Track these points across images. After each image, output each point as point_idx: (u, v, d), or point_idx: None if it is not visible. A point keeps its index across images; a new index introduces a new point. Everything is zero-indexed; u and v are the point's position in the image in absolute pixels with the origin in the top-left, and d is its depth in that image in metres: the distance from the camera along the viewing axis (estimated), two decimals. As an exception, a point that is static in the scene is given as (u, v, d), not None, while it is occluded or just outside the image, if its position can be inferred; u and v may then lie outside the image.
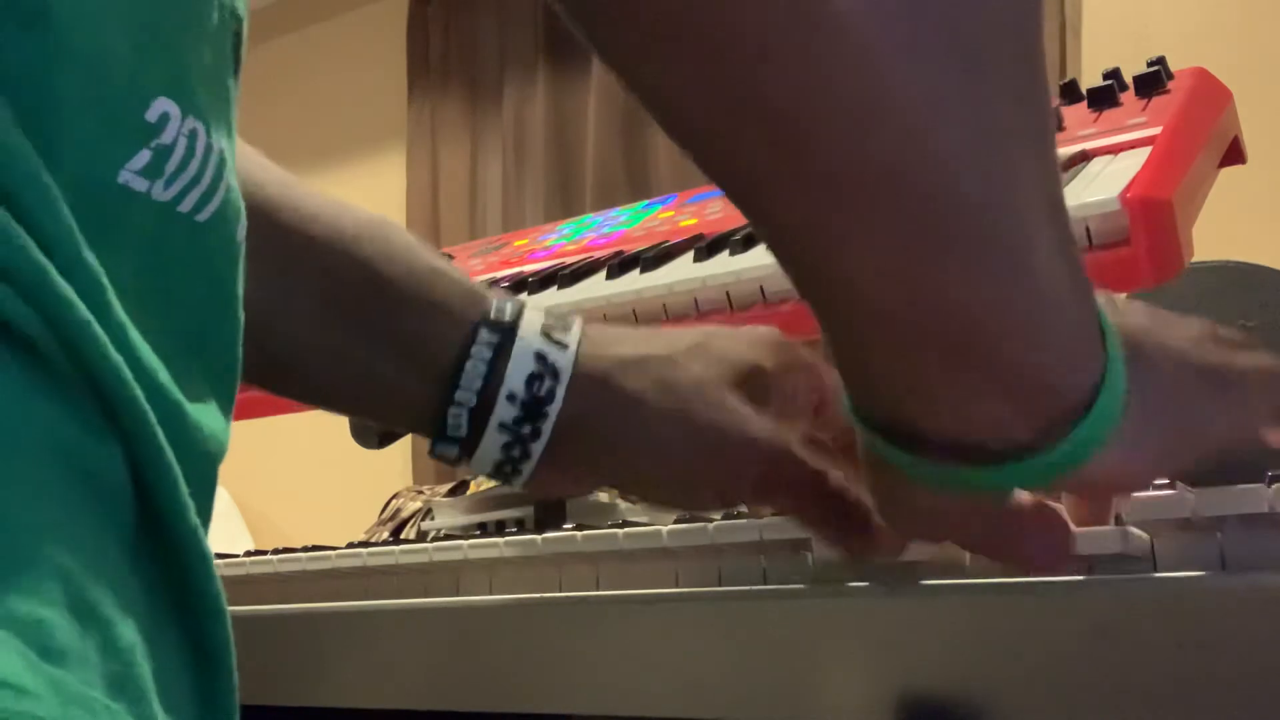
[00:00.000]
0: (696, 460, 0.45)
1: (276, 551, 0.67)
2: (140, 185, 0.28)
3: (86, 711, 0.21)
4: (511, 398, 0.43)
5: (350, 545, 0.66)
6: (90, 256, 0.25)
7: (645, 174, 2.37)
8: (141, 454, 0.26)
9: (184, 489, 0.27)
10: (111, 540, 0.25)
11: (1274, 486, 0.37)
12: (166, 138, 0.28)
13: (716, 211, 0.85)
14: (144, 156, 0.28)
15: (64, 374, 0.24)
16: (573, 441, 0.44)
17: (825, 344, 0.36)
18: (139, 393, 0.25)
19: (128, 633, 0.24)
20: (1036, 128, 0.32)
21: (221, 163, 0.30)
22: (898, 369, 0.34)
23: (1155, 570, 0.40)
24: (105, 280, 0.25)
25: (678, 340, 0.47)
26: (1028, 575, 0.41)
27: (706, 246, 0.72)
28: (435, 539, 0.67)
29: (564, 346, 0.44)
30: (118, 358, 0.25)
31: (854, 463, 0.41)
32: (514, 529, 0.70)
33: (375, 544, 0.67)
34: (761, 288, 0.66)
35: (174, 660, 0.26)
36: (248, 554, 0.70)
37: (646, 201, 0.98)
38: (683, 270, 0.71)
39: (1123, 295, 0.42)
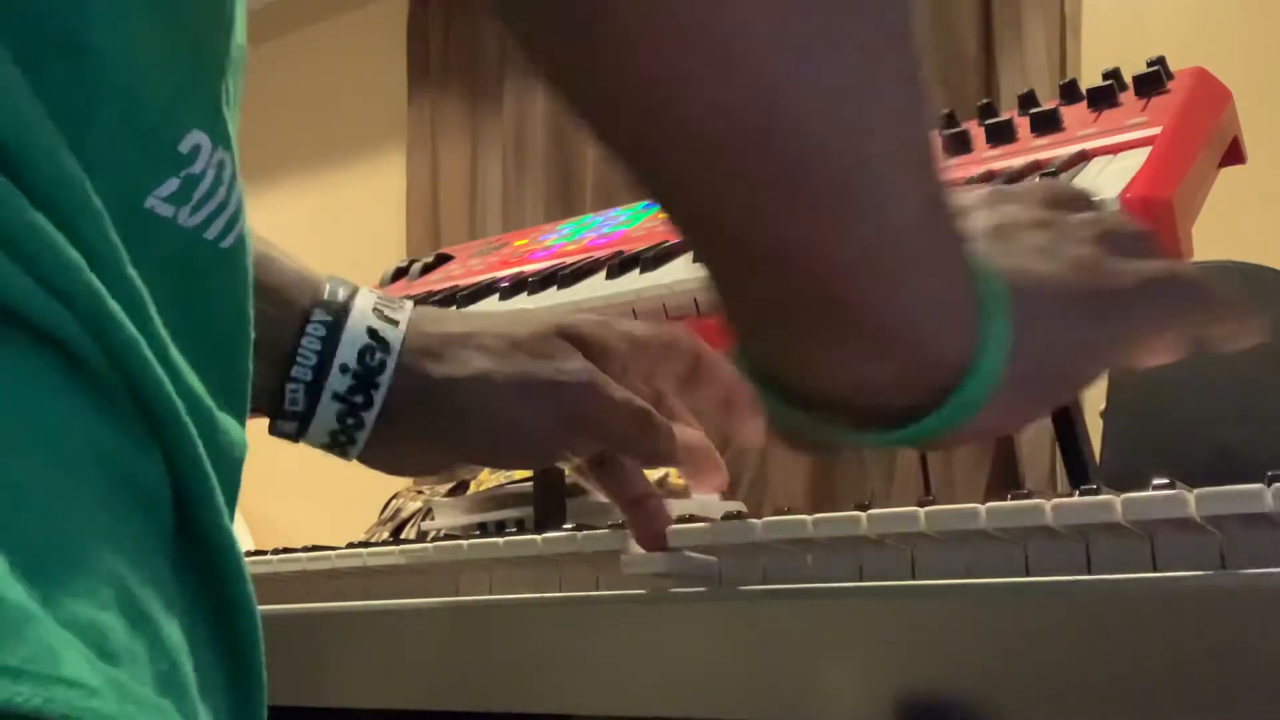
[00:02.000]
0: (518, 409, 0.48)
1: (276, 551, 0.67)
2: (166, 211, 0.29)
3: (140, 708, 0.22)
4: (344, 369, 0.47)
5: (350, 545, 0.66)
6: (133, 274, 0.26)
7: (645, 174, 2.37)
8: (180, 463, 0.27)
9: (219, 495, 0.28)
10: (153, 544, 0.26)
11: (1274, 486, 0.37)
12: (197, 168, 0.30)
13: (716, 211, 0.85)
14: (172, 184, 0.29)
15: (111, 388, 0.25)
16: (404, 412, 0.48)
17: (713, 297, 0.37)
18: (180, 405, 0.26)
19: (173, 633, 0.25)
20: (903, 79, 0.31)
21: (235, 187, 0.31)
22: (774, 326, 0.35)
23: (1155, 570, 0.40)
24: (148, 297, 0.26)
25: (500, 314, 0.52)
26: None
27: (706, 246, 0.72)
28: (435, 539, 0.67)
29: (395, 323, 0.48)
30: (160, 372, 0.26)
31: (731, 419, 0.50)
32: (514, 529, 0.70)
33: (375, 544, 0.67)
34: (761, 288, 0.66)
35: (209, 660, 0.28)
36: (248, 554, 0.70)
37: (647, 201, 0.98)
38: (683, 270, 0.71)
39: (973, 190, 0.41)
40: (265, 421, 0.49)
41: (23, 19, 0.26)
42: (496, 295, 0.82)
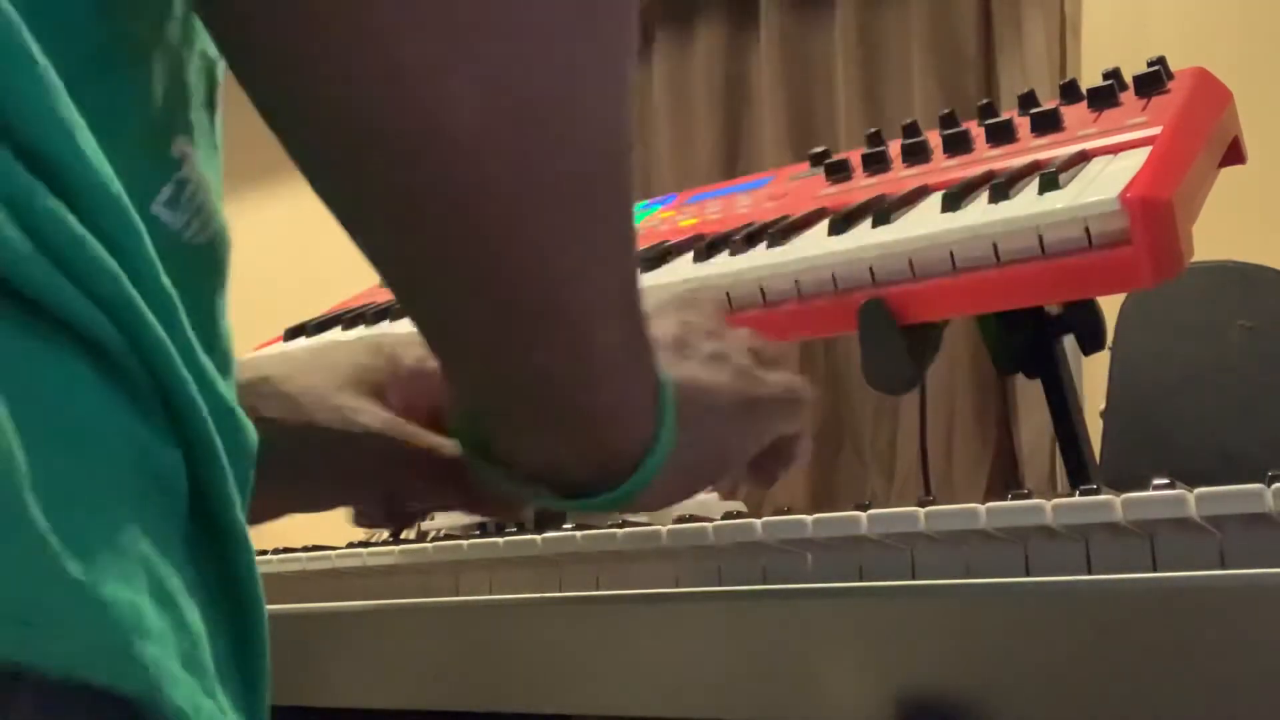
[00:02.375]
0: (317, 459, 0.51)
1: (276, 551, 0.67)
2: (165, 216, 0.31)
3: (171, 682, 0.25)
4: None
5: (350, 545, 0.66)
6: (167, 282, 0.28)
7: (646, 174, 2.37)
8: (200, 458, 0.29)
9: (233, 486, 0.30)
10: (175, 533, 0.28)
11: (1274, 486, 0.37)
12: (184, 173, 0.32)
13: (716, 211, 0.85)
14: (167, 190, 0.31)
15: (141, 388, 0.27)
16: None
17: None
18: (202, 404, 0.29)
19: (194, 617, 0.27)
20: (619, 248, 0.39)
21: (210, 192, 0.33)
22: (487, 411, 0.42)
23: (1155, 570, 0.40)
24: (178, 302, 0.28)
25: (292, 359, 0.53)
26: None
27: (706, 246, 0.72)
28: (435, 539, 0.67)
29: None
30: (185, 374, 0.28)
31: None
32: (514, 529, 0.70)
33: (375, 544, 0.67)
34: (761, 288, 0.66)
35: (221, 645, 0.30)
36: (248, 554, 0.70)
37: (646, 201, 0.98)
38: (683, 270, 0.71)
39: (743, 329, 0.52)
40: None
41: (59, 30, 0.27)
42: (496, 295, 0.82)
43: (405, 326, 0.85)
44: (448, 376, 0.42)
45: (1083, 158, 0.65)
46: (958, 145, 0.75)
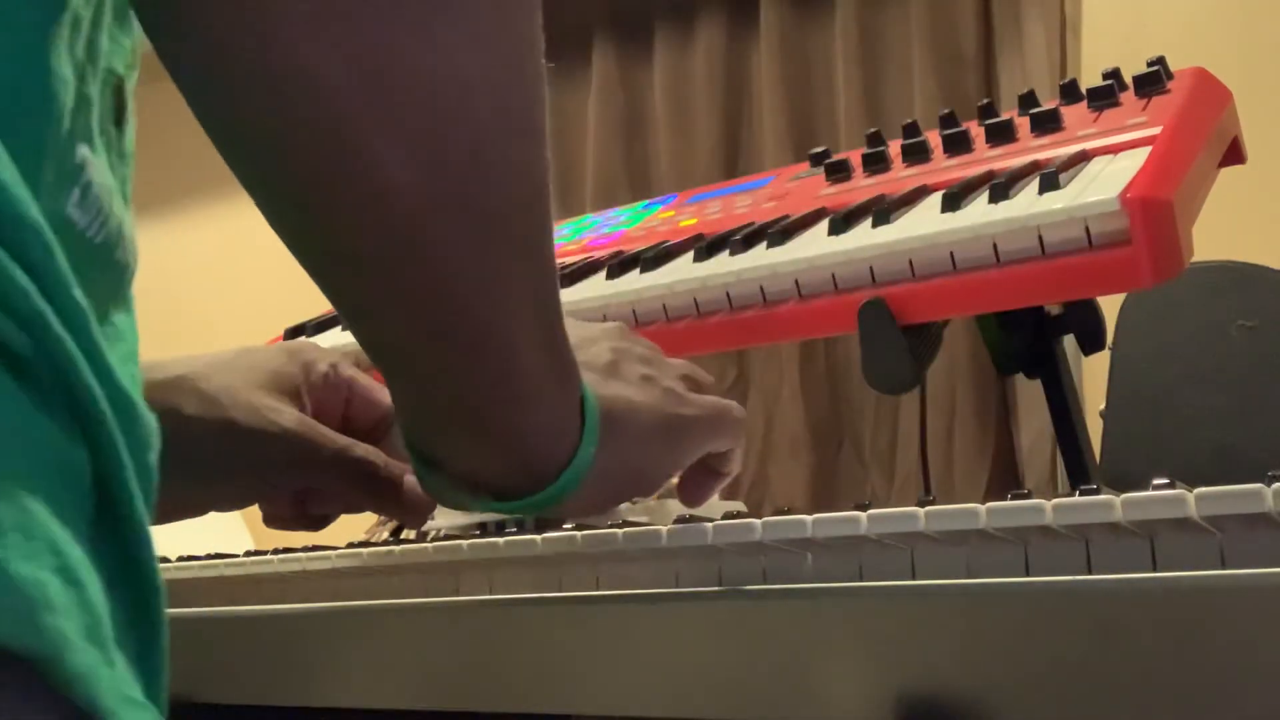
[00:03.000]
0: (239, 459, 0.54)
1: (276, 551, 0.67)
2: (76, 216, 0.34)
3: (72, 650, 0.27)
4: None
5: (350, 545, 0.66)
6: (79, 294, 0.30)
7: (645, 174, 2.37)
8: (103, 454, 0.31)
9: (134, 479, 0.32)
10: (80, 521, 0.31)
11: (1274, 486, 0.37)
12: (87, 176, 0.34)
13: (716, 211, 0.85)
14: (75, 194, 0.34)
15: (51, 393, 0.30)
16: None
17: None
18: (106, 407, 0.31)
19: (97, 596, 0.30)
20: (537, 273, 0.42)
21: (110, 194, 0.36)
22: (431, 431, 0.46)
23: (1155, 570, 0.40)
24: (90, 312, 0.31)
25: (212, 359, 0.56)
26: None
27: (706, 246, 0.72)
28: (435, 539, 0.67)
29: None
30: (92, 380, 0.31)
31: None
32: (514, 529, 0.70)
33: (375, 544, 0.67)
34: (761, 288, 0.66)
35: (121, 622, 0.32)
36: (248, 554, 0.70)
37: (646, 201, 0.98)
38: (683, 270, 0.71)
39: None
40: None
41: None
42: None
43: None
44: (393, 397, 0.46)
45: (1083, 158, 0.65)
46: (958, 145, 0.75)
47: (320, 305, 0.97)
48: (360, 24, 0.35)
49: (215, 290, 2.80)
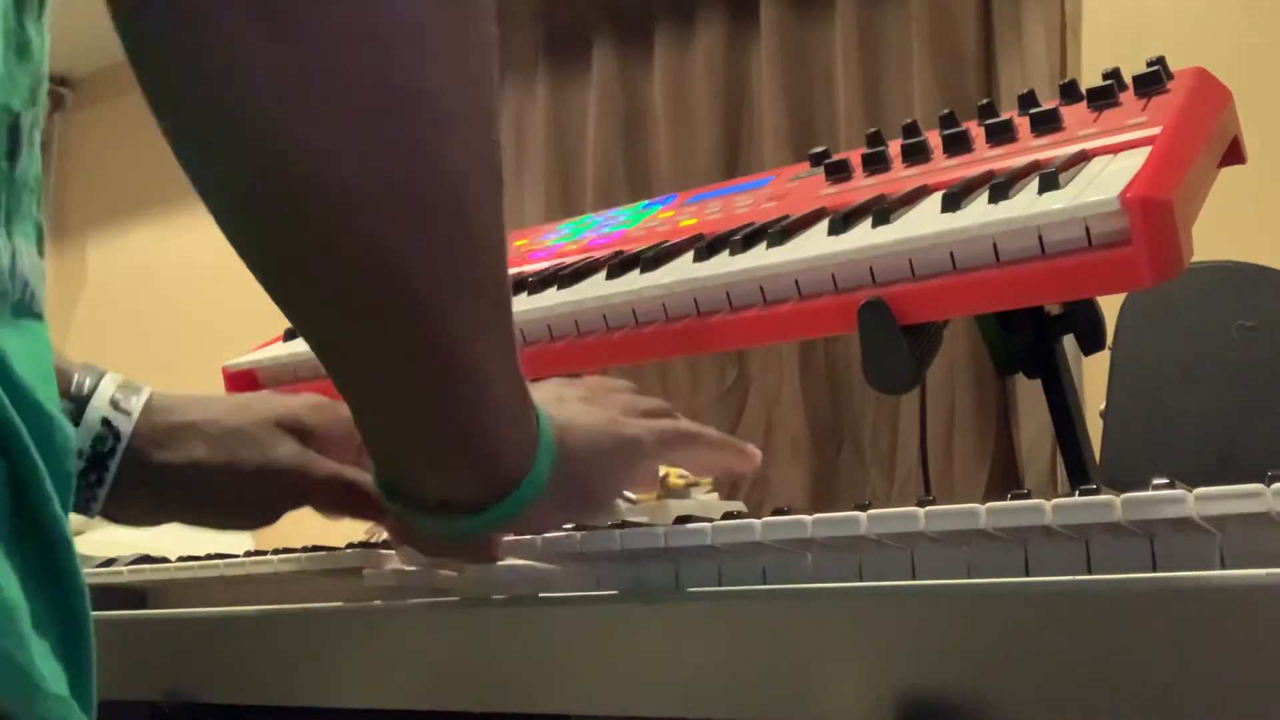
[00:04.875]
0: (243, 494, 0.61)
1: (276, 551, 0.67)
2: None
3: None
4: (80, 453, 0.58)
5: (350, 545, 0.66)
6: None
7: (645, 174, 2.37)
8: (18, 464, 0.34)
9: (50, 485, 0.35)
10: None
11: (1274, 486, 0.37)
12: None
13: (716, 211, 0.85)
14: None
15: None
16: (130, 488, 0.59)
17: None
18: (20, 423, 0.34)
19: (14, 594, 0.32)
20: (496, 296, 0.46)
21: None
22: (403, 455, 0.50)
23: (1155, 570, 0.40)
24: (7, 353, 0.34)
25: (231, 401, 0.63)
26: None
27: (706, 246, 0.72)
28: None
29: (128, 414, 0.59)
30: (6, 401, 0.33)
31: None
32: (514, 529, 0.70)
33: (375, 544, 0.67)
34: (761, 288, 0.66)
35: (42, 615, 0.34)
36: (248, 554, 0.70)
37: (646, 201, 0.98)
38: (683, 270, 0.71)
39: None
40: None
41: None
42: (496, 295, 0.82)
43: None
44: (363, 433, 0.50)
45: (1083, 158, 0.65)
46: (958, 145, 0.75)
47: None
48: (305, 30, 0.36)
49: (216, 291, 2.80)
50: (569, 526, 0.57)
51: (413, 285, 0.42)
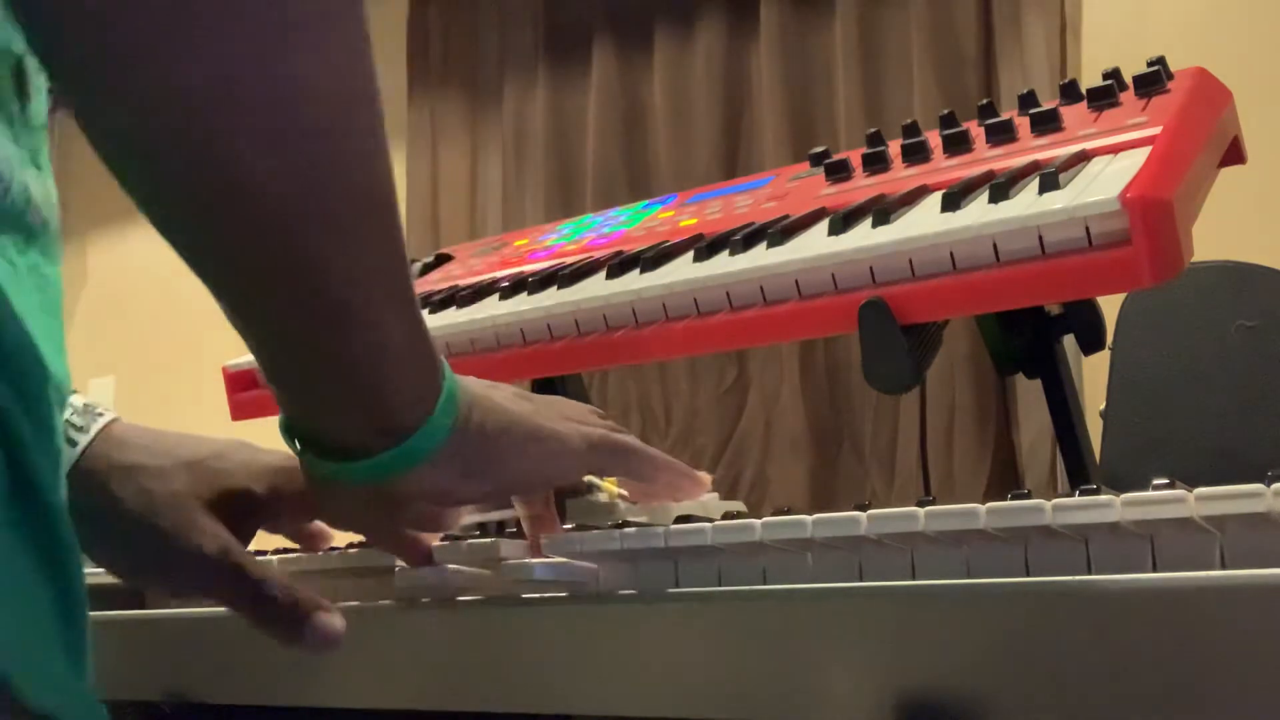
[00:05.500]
0: (151, 556, 0.56)
1: (277, 551, 0.67)
2: None
3: None
4: None
5: (350, 545, 0.66)
6: (21, 318, 0.35)
7: (645, 174, 2.37)
8: (16, 449, 0.35)
9: (62, 476, 0.36)
10: None
11: (1274, 486, 0.37)
12: None
13: (716, 211, 0.85)
14: None
15: None
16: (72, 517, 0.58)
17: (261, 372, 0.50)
18: (20, 414, 0.35)
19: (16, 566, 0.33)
20: (388, 248, 0.47)
21: (10, 164, 0.41)
22: (304, 398, 0.50)
23: (1155, 570, 0.40)
24: (35, 335, 0.35)
25: (183, 451, 0.58)
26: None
27: (706, 246, 0.72)
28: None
29: (73, 443, 0.57)
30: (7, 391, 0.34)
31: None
32: (514, 529, 0.70)
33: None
34: (761, 288, 0.66)
35: (43, 600, 0.35)
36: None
37: (646, 201, 0.98)
38: (683, 270, 0.71)
39: None
40: (265, 421, 0.53)
41: None
42: (497, 295, 0.82)
43: None
44: (274, 386, 0.50)
45: (1083, 158, 0.65)
46: (958, 145, 0.75)
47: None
48: (215, 44, 0.38)
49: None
50: (567, 526, 0.57)
51: (277, 210, 0.42)
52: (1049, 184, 0.59)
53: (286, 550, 0.67)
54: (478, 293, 0.85)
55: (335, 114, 0.43)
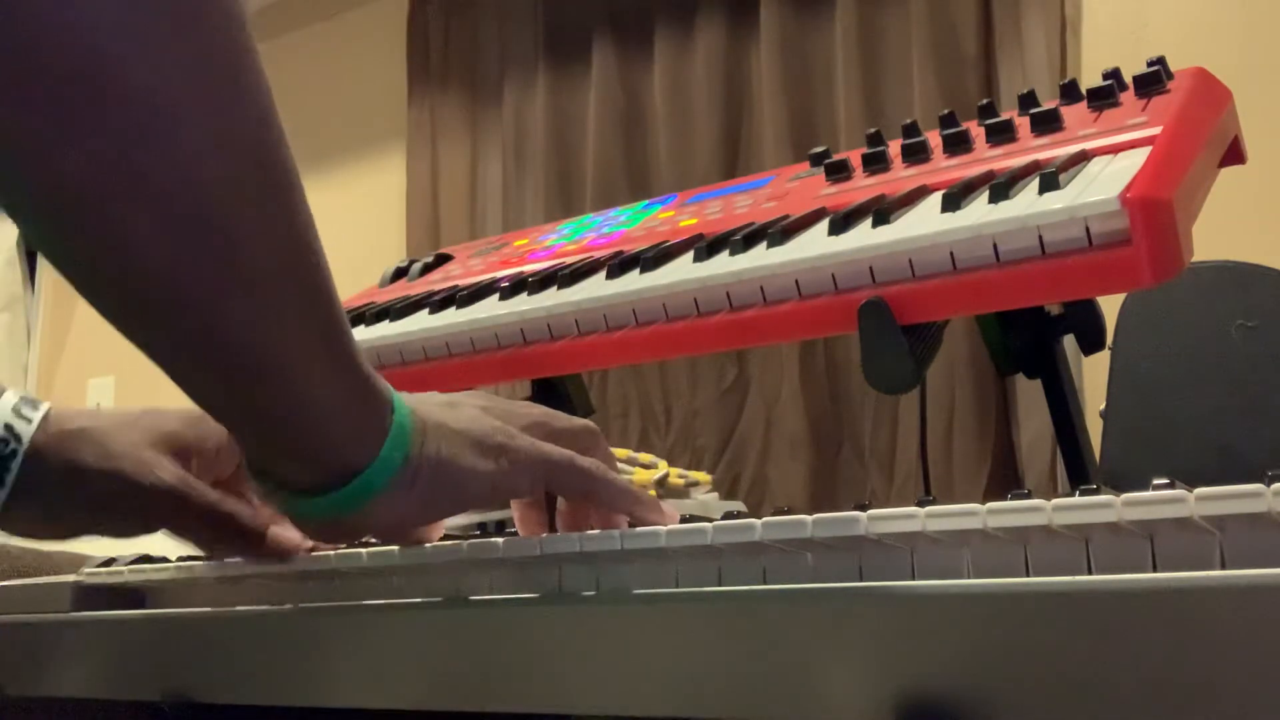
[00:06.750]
0: (125, 503, 0.63)
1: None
2: None
3: None
4: None
5: (350, 545, 0.66)
6: None
7: (645, 174, 2.37)
8: None
9: None
10: None
11: (1274, 486, 0.37)
12: None
13: (716, 211, 0.85)
14: None
15: None
16: (29, 494, 0.61)
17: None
18: None
19: None
20: (308, 303, 0.47)
21: None
22: (248, 443, 0.52)
23: (1155, 570, 0.40)
24: None
25: (119, 416, 0.65)
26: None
27: (706, 246, 0.72)
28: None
29: (28, 420, 0.62)
30: None
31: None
32: (514, 529, 0.70)
33: (375, 544, 0.67)
34: (761, 288, 0.66)
35: None
36: (248, 554, 0.70)
37: (646, 201, 0.98)
38: (683, 270, 0.71)
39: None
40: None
41: None
42: (497, 295, 0.82)
43: (402, 325, 0.85)
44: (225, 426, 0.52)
45: (1083, 158, 0.65)
46: (958, 145, 0.75)
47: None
48: (93, 137, 0.39)
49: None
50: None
51: (171, 281, 0.43)
52: (1049, 184, 0.59)
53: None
54: (478, 293, 0.85)
55: (228, 188, 0.43)
